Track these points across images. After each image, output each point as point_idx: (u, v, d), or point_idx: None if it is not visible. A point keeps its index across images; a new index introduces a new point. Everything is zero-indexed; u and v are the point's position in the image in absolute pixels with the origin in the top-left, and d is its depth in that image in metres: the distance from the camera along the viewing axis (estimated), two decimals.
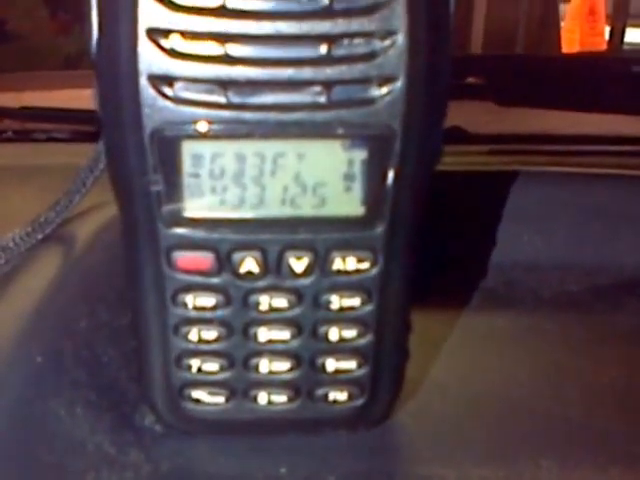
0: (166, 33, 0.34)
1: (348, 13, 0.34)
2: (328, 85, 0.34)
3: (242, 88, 0.34)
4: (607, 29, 5.23)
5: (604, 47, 5.23)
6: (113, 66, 0.34)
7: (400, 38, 0.34)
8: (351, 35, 0.34)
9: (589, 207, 0.59)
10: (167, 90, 0.34)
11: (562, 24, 5.10)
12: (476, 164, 0.75)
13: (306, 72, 0.34)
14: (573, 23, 5.31)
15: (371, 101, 0.35)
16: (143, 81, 0.34)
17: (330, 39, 0.34)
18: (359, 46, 0.34)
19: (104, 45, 0.35)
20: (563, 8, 5.26)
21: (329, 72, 0.34)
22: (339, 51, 0.34)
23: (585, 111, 0.97)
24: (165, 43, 0.34)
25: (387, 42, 0.34)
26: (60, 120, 0.86)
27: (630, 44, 5.25)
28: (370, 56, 0.34)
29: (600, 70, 1.01)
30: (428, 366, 0.47)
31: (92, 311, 0.46)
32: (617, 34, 5.13)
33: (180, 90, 0.34)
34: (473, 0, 4.39)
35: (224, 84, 0.34)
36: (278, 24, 0.34)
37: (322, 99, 0.34)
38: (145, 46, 0.34)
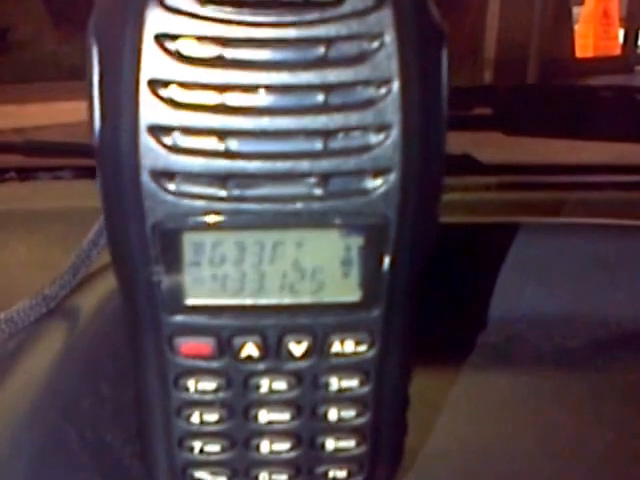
0: (167, 129, 0.35)
1: (343, 108, 0.35)
2: (324, 177, 0.35)
3: (241, 181, 0.35)
4: (621, 32, 5.23)
5: (618, 51, 5.18)
6: (115, 158, 0.35)
7: (394, 132, 0.35)
8: (347, 129, 0.35)
9: (591, 258, 0.60)
10: (168, 184, 0.35)
11: (575, 27, 5.12)
12: (487, 202, 0.76)
13: (303, 165, 0.35)
14: (587, 27, 5.27)
15: (366, 192, 0.36)
16: (145, 176, 0.35)
17: (326, 133, 0.35)
18: (354, 139, 0.35)
19: (106, 136, 0.36)
20: (576, 11, 5.26)
21: (325, 165, 0.35)
22: (335, 144, 0.35)
23: (593, 140, 0.98)
24: (166, 139, 0.35)
25: (382, 135, 0.35)
26: (66, 154, 0.87)
27: None
28: (365, 149, 0.35)
29: (608, 99, 1.01)
30: (428, 432, 0.47)
31: (95, 389, 0.46)
32: (631, 37, 5.12)
33: (181, 184, 0.35)
34: (486, 5, 4.42)
35: (223, 178, 0.35)
36: (276, 120, 0.35)
37: (319, 191, 0.35)
38: (146, 142, 0.35)
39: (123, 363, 0.42)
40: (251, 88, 0.34)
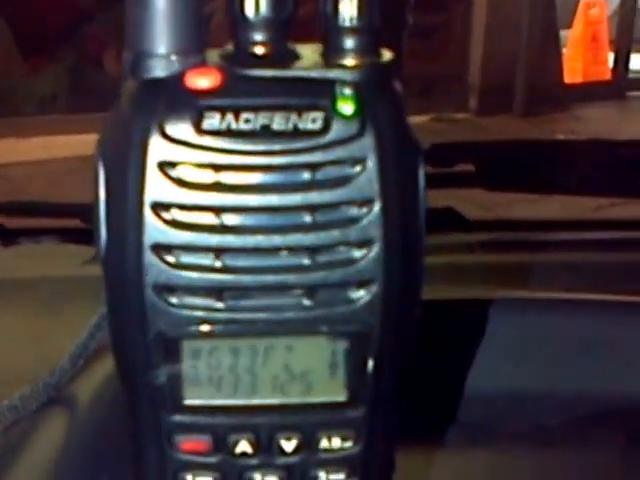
0: (169, 248, 0.38)
1: (329, 226, 0.38)
2: (312, 289, 0.39)
3: (235, 293, 0.39)
4: (611, 55, 5.21)
5: (608, 75, 5.17)
6: (120, 273, 0.39)
7: (376, 247, 0.39)
8: (332, 245, 0.38)
9: (568, 335, 0.62)
10: (170, 297, 0.38)
11: (564, 52, 5.09)
12: (470, 265, 0.79)
13: (292, 278, 0.39)
14: (575, 51, 5.20)
15: (351, 302, 0.39)
16: (148, 290, 0.38)
17: (313, 250, 0.38)
18: (339, 254, 0.39)
19: (112, 252, 0.39)
20: (564, 35, 5.24)
21: (312, 278, 0.39)
22: (321, 259, 0.38)
23: (574, 194, 1.01)
24: (168, 257, 0.38)
25: (365, 250, 0.39)
26: (49, 214, 0.89)
27: (635, 71, 5.15)
28: (349, 263, 0.39)
29: (587, 154, 1.04)
30: None
31: None
32: (621, 61, 5.09)
33: (181, 297, 0.39)
34: (470, 31, 4.40)
35: (219, 291, 0.38)
36: (267, 238, 0.38)
37: (307, 301, 0.39)
38: (150, 259, 0.38)
39: (122, 454, 0.44)
40: (244, 209, 0.38)
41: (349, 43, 0.39)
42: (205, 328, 0.39)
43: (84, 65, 4.02)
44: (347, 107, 0.38)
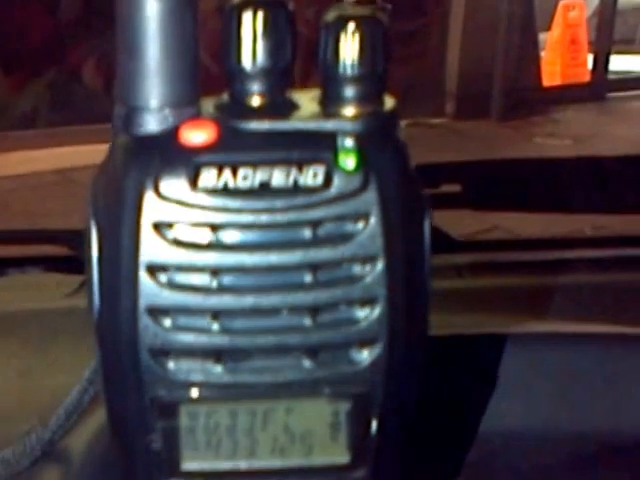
0: (165, 311, 0.36)
1: (330, 285, 0.37)
2: (313, 350, 0.37)
3: (234, 356, 0.37)
4: (590, 57, 5.20)
5: (587, 77, 5.17)
6: (114, 336, 0.37)
7: (380, 306, 0.37)
8: (334, 304, 0.37)
9: (567, 372, 0.61)
10: (166, 361, 0.37)
11: (542, 54, 5.10)
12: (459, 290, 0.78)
13: (293, 339, 0.37)
14: (554, 54, 5.21)
15: (353, 363, 0.38)
16: (144, 354, 0.37)
17: (314, 310, 0.37)
18: (341, 313, 0.37)
19: (105, 314, 0.37)
20: (543, 37, 5.23)
21: (314, 339, 0.37)
22: (323, 319, 0.37)
23: (559, 213, 1.01)
24: (164, 320, 0.36)
25: (368, 309, 0.37)
26: (34, 241, 0.87)
27: (615, 72, 5.16)
28: (352, 323, 0.37)
29: (571, 171, 1.04)
30: None
31: None
32: (600, 62, 5.07)
33: (178, 361, 0.37)
34: (447, 37, 4.40)
35: (218, 354, 0.37)
36: (266, 297, 0.37)
37: (308, 363, 0.37)
38: (145, 322, 0.36)
39: None
40: (242, 269, 0.36)
41: (350, 92, 0.37)
42: (203, 392, 0.37)
43: (64, 80, 4.01)
44: (349, 161, 0.36)
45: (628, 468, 0.57)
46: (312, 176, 0.36)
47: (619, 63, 5.28)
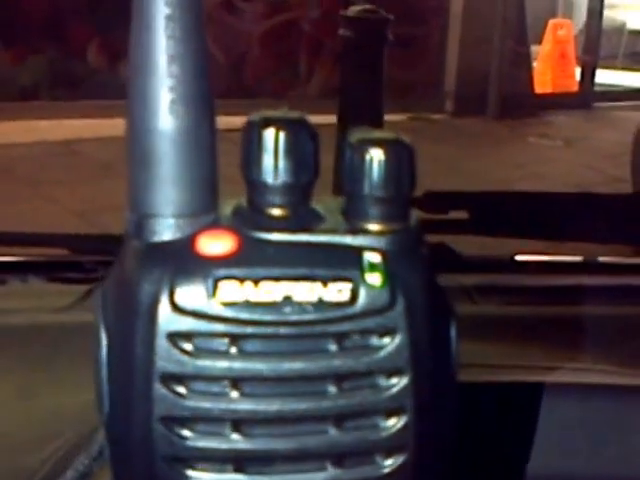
0: (181, 421, 0.35)
1: (355, 394, 0.35)
2: (338, 458, 0.35)
3: (254, 465, 0.35)
4: (578, 69, 5.33)
5: (575, 88, 5.37)
6: (126, 445, 0.35)
7: (405, 417, 0.36)
8: (358, 414, 0.35)
9: (574, 418, 0.59)
10: (184, 469, 0.35)
11: (534, 65, 5.22)
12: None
13: (316, 449, 0.35)
14: (545, 65, 5.52)
15: (380, 467, 0.36)
16: (159, 462, 0.35)
17: (339, 419, 0.35)
18: (366, 422, 0.35)
19: (116, 422, 0.36)
20: (535, 49, 5.36)
21: (339, 448, 0.35)
22: (347, 426, 0.35)
23: (562, 241, 0.99)
24: (181, 430, 0.35)
25: (394, 419, 0.35)
26: (34, 244, 0.84)
27: (601, 85, 5.39)
28: (377, 431, 0.35)
29: (575, 203, 1.03)
30: None
31: None
32: (587, 75, 5.24)
33: (196, 469, 0.35)
34: (446, 43, 4.53)
35: (239, 462, 0.35)
36: (288, 405, 0.35)
37: (332, 470, 0.35)
38: (160, 432, 0.35)
39: None
40: (263, 379, 0.35)
41: (375, 210, 0.36)
42: None
43: (66, 57, 3.99)
44: (375, 277, 0.35)
45: None
46: (337, 292, 0.34)
47: (604, 77, 5.53)
